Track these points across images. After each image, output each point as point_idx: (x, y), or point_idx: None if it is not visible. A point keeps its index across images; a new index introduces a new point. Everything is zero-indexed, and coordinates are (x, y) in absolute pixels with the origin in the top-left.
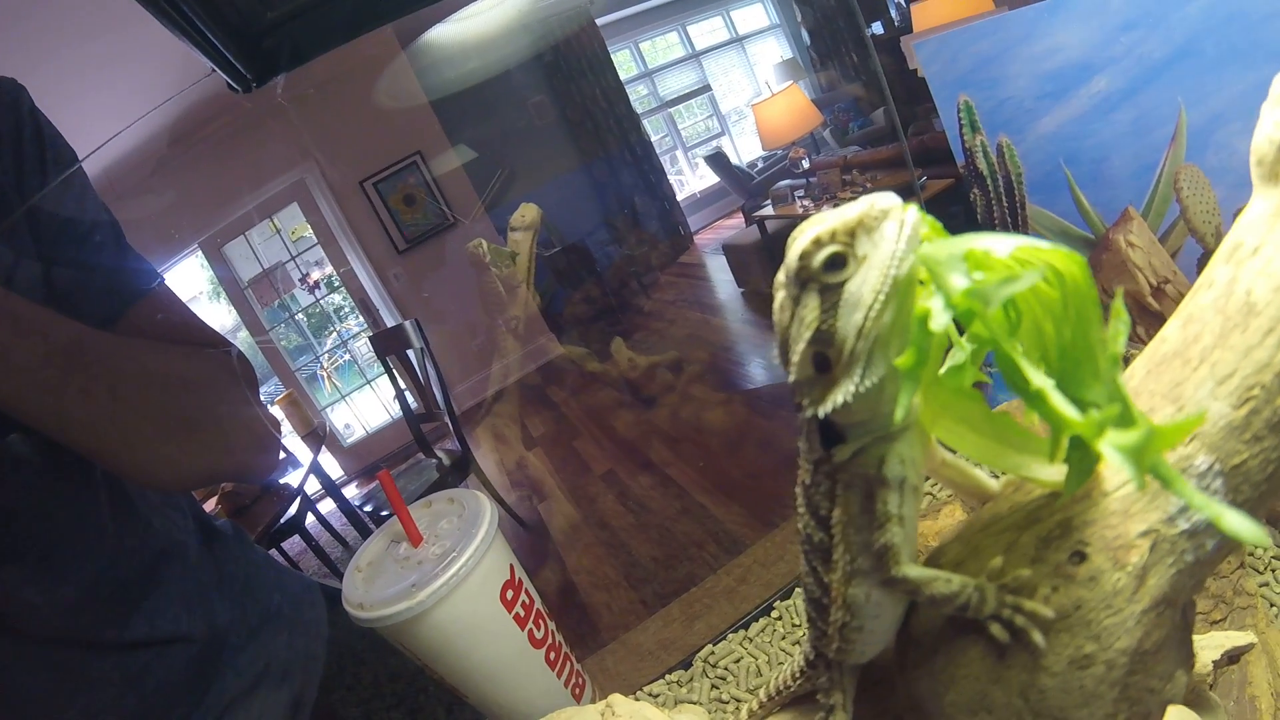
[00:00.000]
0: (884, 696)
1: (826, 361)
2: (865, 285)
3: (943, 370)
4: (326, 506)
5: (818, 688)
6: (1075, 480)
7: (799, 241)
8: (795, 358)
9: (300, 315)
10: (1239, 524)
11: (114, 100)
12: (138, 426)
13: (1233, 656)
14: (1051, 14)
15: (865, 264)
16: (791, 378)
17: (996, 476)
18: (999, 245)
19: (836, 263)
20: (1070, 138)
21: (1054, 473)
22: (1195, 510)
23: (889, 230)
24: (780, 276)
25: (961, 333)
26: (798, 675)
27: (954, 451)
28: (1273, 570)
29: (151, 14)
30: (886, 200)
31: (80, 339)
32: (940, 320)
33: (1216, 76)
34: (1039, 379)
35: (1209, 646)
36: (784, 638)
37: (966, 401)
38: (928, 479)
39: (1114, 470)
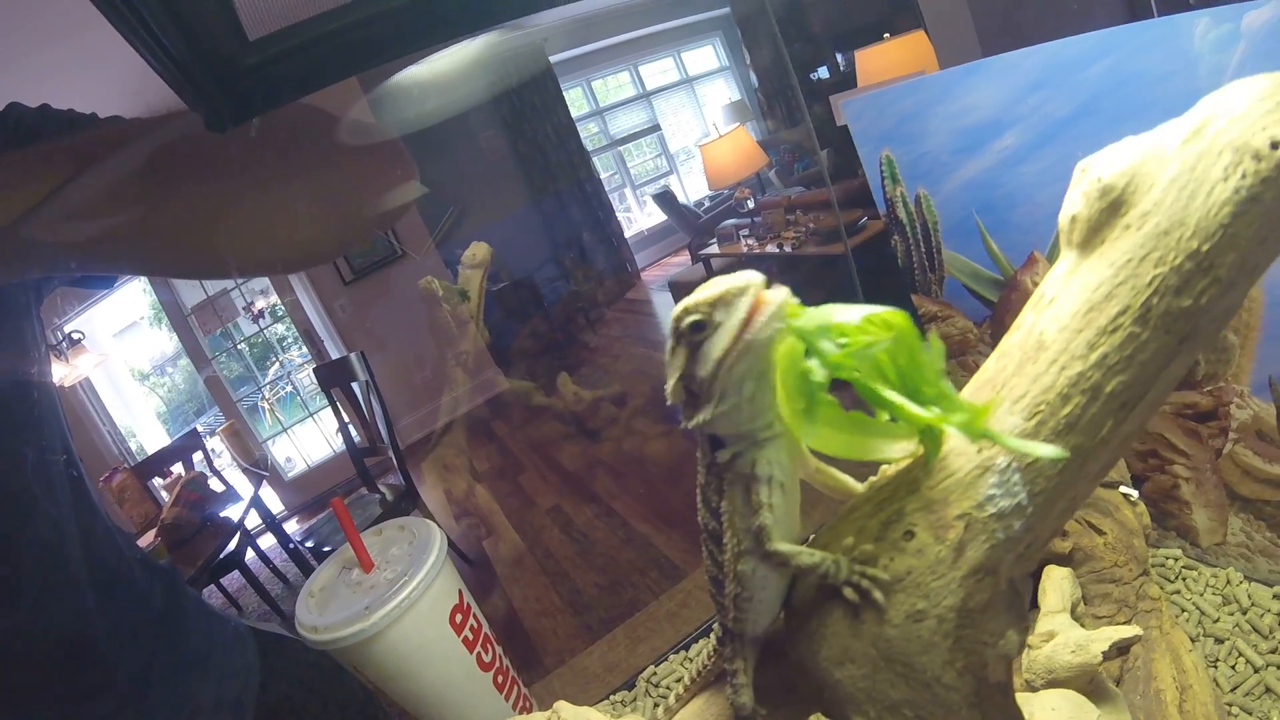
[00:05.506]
0: (782, 667)
1: (693, 392)
2: (716, 346)
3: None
4: (267, 542)
5: (724, 659)
6: (931, 454)
7: (677, 308)
8: (669, 387)
9: (243, 344)
10: (1038, 448)
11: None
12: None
13: (1121, 649)
14: (968, 76)
15: (720, 329)
16: (669, 401)
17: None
18: (851, 316)
19: (699, 326)
20: (982, 188)
21: (903, 449)
22: (1011, 452)
23: (741, 305)
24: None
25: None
26: (712, 655)
27: (825, 459)
28: (1183, 579)
29: (137, 51)
30: (745, 279)
31: None
32: (820, 376)
33: (1114, 132)
34: (892, 395)
35: (1099, 639)
36: None
37: (826, 408)
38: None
39: (939, 468)
